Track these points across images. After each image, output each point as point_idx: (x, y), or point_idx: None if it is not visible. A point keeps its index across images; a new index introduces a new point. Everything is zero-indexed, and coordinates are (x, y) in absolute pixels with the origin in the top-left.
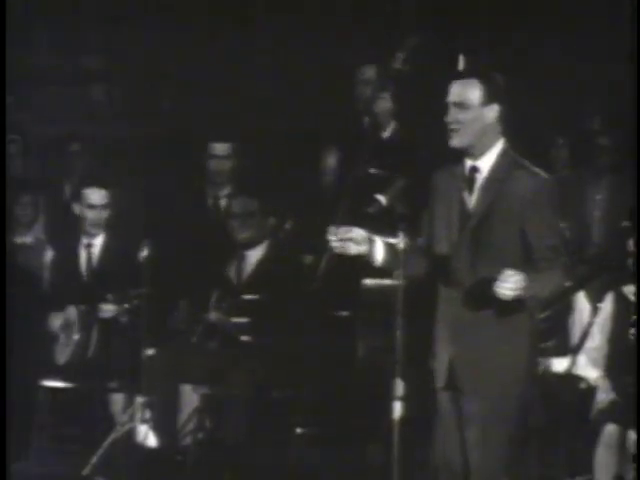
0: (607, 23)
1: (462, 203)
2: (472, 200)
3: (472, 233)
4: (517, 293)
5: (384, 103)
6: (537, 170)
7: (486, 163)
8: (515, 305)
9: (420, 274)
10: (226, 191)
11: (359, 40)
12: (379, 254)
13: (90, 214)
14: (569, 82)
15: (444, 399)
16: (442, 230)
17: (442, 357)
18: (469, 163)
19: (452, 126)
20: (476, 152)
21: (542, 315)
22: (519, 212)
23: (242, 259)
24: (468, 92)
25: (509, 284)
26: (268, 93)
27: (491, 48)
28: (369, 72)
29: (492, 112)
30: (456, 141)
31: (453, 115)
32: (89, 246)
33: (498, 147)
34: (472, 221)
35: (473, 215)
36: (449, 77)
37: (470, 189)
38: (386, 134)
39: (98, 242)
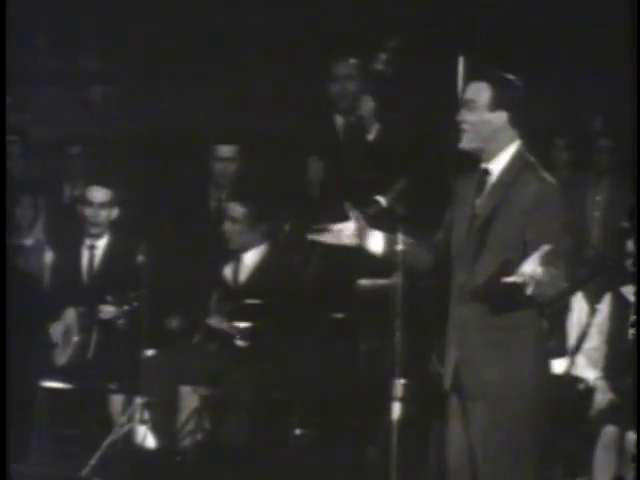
0: (607, 23)
1: (472, 206)
2: (480, 202)
3: (476, 236)
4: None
5: (367, 104)
6: (545, 175)
7: (497, 166)
8: (521, 303)
9: (429, 275)
10: (227, 193)
11: (339, 40)
12: (378, 245)
13: (90, 212)
14: (569, 82)
15: (450, 401)
16: (455, 233)
17: (449, 359)
18: (482, 165)
19: (461, 126)
20: (487, 155)
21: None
22: (520, 216)
23: (238, 262)
24: (477, 93)
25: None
26: (267, 94)
27: (490, 49)
28: (349, 70)
29: (500, 118)
30: (464, 143)
31: (462, 115)
32: (92, 248)
33: (512, 149)
34: (477, 223)
35: (479, 218)
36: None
37: (480, 192)
38: (371, 136)
39: (101, 244)
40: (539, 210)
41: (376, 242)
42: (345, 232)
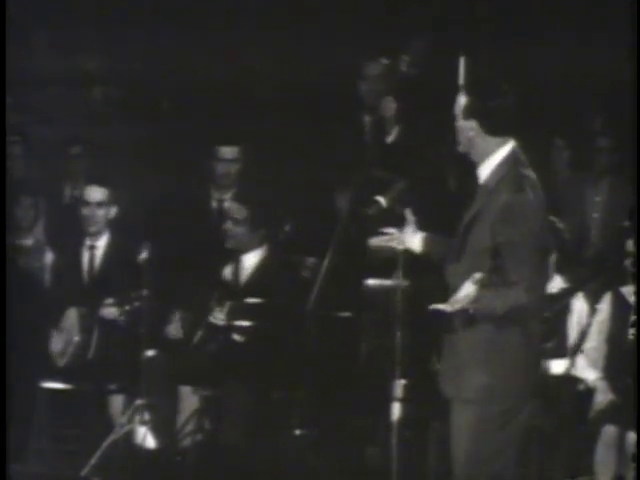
0: (607, 23)
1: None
2: (467, 207)
3: (459, 240)
4: (458, 306)
5: (390, 105)
6: (525, 185)
7: (484, 171)
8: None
9: (424, 279)
10: (231, 194)
11: (363, 41)
12: (419, 246)
13: (88, 211)
14: (569, 82)
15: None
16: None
17: (443, 360)
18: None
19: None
20: (476, 160)
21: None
22: (490, 225)
23: (238, 263)
24: (458, 101)
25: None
26: (269, 94)
27: (491, 49)
28: (374, 71)
29: (471, 127)
30: (459, 146)
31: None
32: (92, 248)
33: (501, 154)
34: (461, 228)
35: (463, 222)
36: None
37: (470, 196)
38: (390, 138)
39: (101, 244)
40: (504, 221)
41: (418, 243)
42: (407, 236)
